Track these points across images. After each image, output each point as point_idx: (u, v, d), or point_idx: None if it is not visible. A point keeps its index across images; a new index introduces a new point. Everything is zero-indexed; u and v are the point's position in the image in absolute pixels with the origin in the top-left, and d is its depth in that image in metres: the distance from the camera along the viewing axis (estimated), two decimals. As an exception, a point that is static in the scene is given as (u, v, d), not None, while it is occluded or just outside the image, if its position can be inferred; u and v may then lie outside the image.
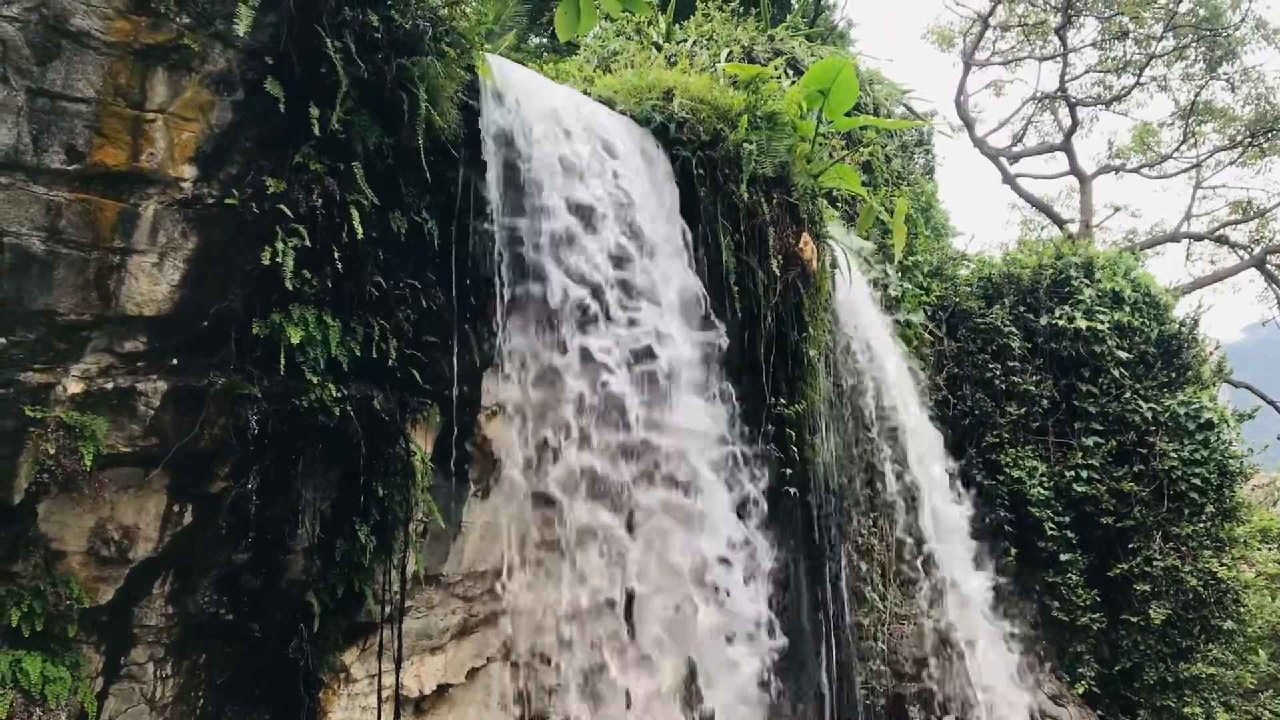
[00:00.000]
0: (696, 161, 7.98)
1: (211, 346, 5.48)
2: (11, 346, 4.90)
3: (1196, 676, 13.15)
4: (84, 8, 4.99)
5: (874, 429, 10.74)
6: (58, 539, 5.25)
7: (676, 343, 7.31)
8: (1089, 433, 13.86)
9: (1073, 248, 15.48)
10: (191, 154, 5.33)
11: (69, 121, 4.99)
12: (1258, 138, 27.67)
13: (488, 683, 7.13)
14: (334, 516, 6.05)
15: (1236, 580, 13.53)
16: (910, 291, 13.24)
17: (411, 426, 6.34)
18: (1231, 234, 29.62)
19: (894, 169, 14.36)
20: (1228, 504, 13.79)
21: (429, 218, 6.30)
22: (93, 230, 5.07)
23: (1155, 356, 14.31)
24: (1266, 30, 26.83)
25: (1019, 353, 14.12)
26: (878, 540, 11.00)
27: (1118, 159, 31.03)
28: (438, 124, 6.16)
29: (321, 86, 5.64)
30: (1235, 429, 14.37)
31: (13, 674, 4.98)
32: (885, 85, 15.51)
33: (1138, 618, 13.25)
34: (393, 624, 6.34)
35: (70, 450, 5.00)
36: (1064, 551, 13.32)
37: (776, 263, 8.24)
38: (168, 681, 5.69)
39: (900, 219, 9.83)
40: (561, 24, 6.00)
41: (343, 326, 5.79)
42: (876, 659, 10.80)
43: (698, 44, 13.03)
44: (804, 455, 8.68)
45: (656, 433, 7.14)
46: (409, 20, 6.00)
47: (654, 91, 8.31)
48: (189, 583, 5.68)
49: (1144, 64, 27.76)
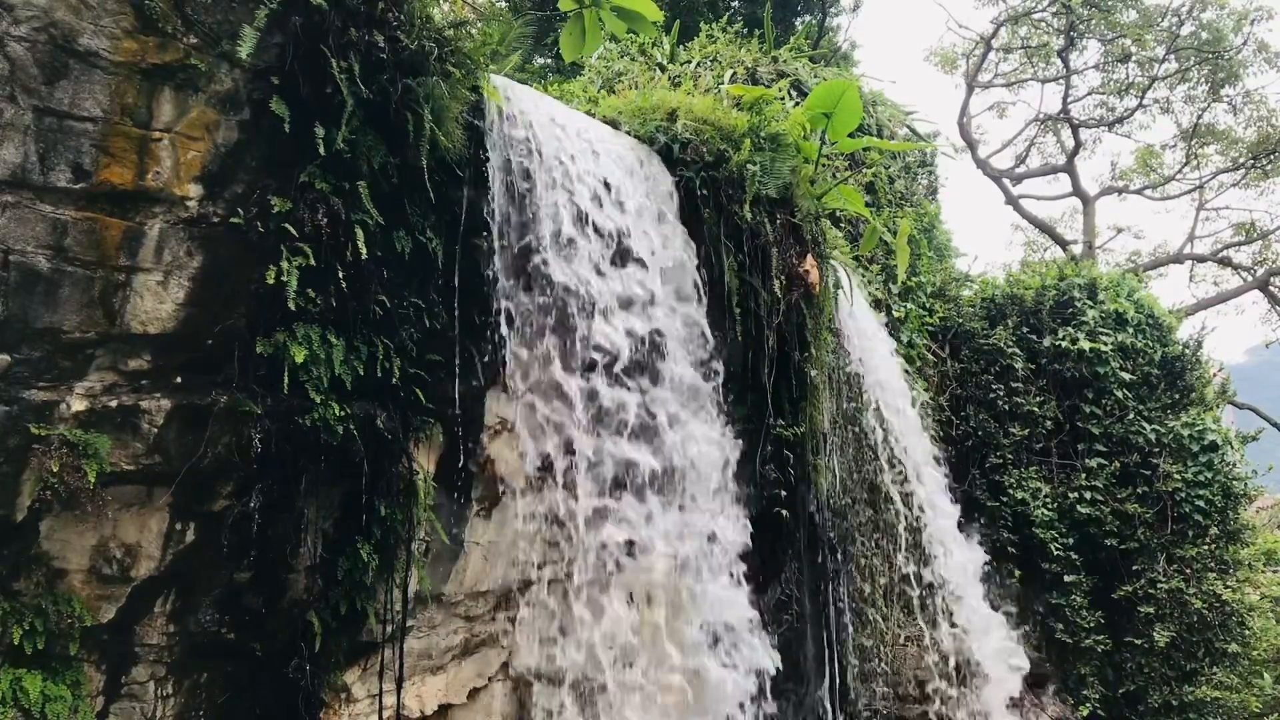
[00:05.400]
0: (700, 182, 8.01)
1: (215, 365, 5.49)
2: (16, 364, 4.91)
3: (1201, 700, 13.06)
4: (92, 28, 5.02)
5: (877, 449, 10.72)
6: (60, 557, 5.24)
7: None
8: (1092, 454, 13.81)
9: (1076, 269, 15.47)
10: (197, 173, 5.35)
11: (76, 140, 5.01)
12: (1260, 160, 27.74)
13: (489, 703, 7.10)
14: (336, 535, 6.04)
15: (1241, 603, 13.45)
16: (913, 312, 13.24)
17: (414, 445, 6.34)
18: (1235, 256, 29.68)
19: (897, 190, 14.38)
20: (1232, 526, 13.72)
21: (433, 237, 6.32)
22: (98, 249, 5.09)
23: (1159, 378, 14.28)
24: (1269, 53, 26.95)
25: (1022, 374, 14.09)
26: (880, 561, 10.97)
27: (1121, 180, 31.12)
28: (443, 144, 6.18)
29: (327, 106, 5.67)
30: (1239, 451, 14.32)
31: (13, 692, 4.97)
32: (888, 107, 15.55)
33: (1142, 640, 13.17)
34: (394, 643, 6.32)
35: (73, 468, 5.00)
36: (1068, 573, 13.26)
37: (779, 283, 8.25)
38: (168, 701, 5.67)
39: (904, 240, 9.84)
40: (567, 45, 6.05)
41: (346, 345, 5.80)
42: (879, 680, 10.75)
43: (701, 65, 13.10)
44: (807, 476, 8.66)
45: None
46: (414, 41, 6.03)
47: (658, 112, 8.34)
48: (191, 601, 5.67)
49: (1146, 86, 27.87)
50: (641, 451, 7.08)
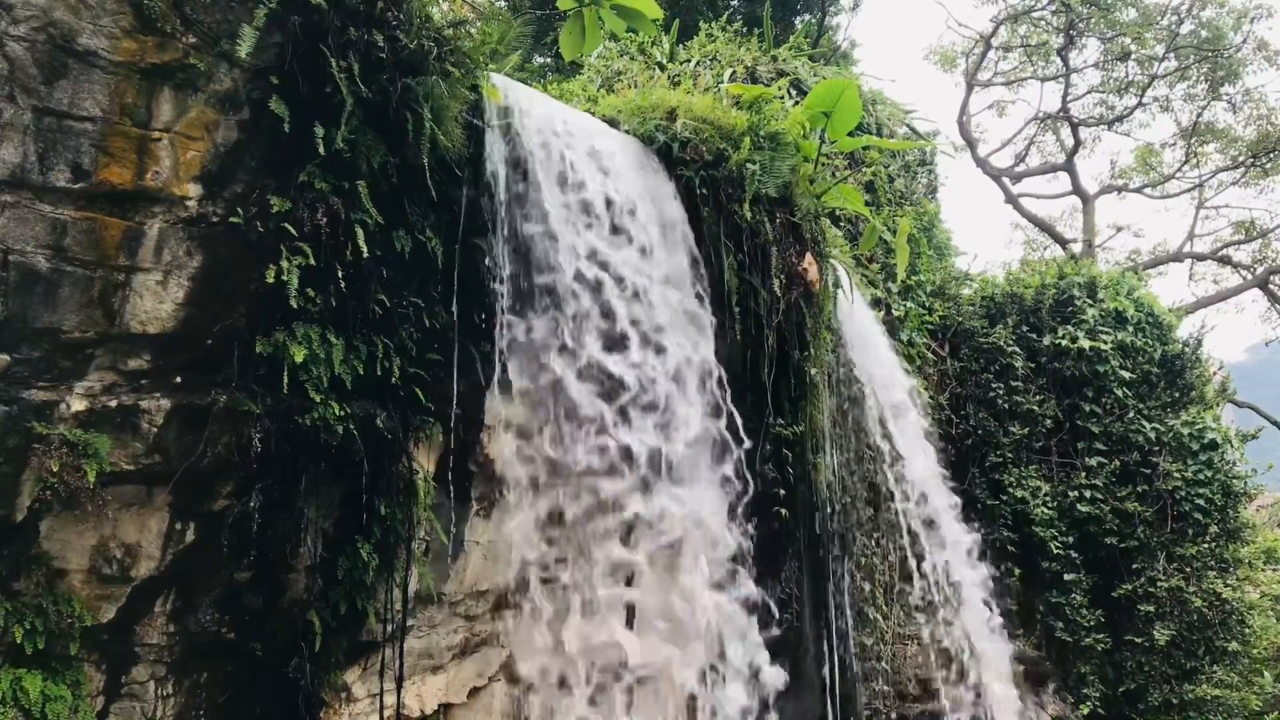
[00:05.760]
0: (700, 181, 8.01)
1: (215, 364, 5.49)
2: (16, 364, 4.91)
3: (1201, 698, 13.06)
4: (91, 28, 5.02)
5: (877, 447, 10.72)
6: (60, 557, 5.24)
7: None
8: (1092, 453, 13.82)
9: (1075, 267, 15.47)
10: (197, 173, 5.35)
11: (75, 140, 5.01)
12: (1260, 158, 27.71)
13: (489, 702, 7.10)
14: (336, 535, 6.04)
15: (1241, 601, 13.46)
16: (913, 311, 13.24)
17: (414, 445, 6.34)
18: (1234, 254, 29.65)
19: (897, 189, 14.37)
20: (1232, 525, 13.73)
21: (433, 236, 6.32)
22: (98, 248, 5.09)
23: (1159, 376, 14.28)
24: (1268, 51, 26.92)
25: (1022, 372, 14.09)
26: (880, 559, 10.97)
27: (1120, 179, 31.08)
28: (442, 143, 6.18)
29: (326, 106, 5.67)
30: (1239, 449, 14.33)
31: (13, 692, 4.97)
32: (888, 105, 15.53)
33: (1142, 639, 13.18)
34: (394, 643, 6.33)
35: (73, 468, 5.01)
36: (1068, 572, 13.26)
37: (779, 282, 8.25)
38: (169, 700, 5.67)
39: (903, 239, 9.84)
40: (566, 44, 6.05)
41: (346, 345, 5.80)
42: (879, 679, 10.75)
43: (701, 64, 13.09)
44: (806, 475, 8.66)
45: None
46: (414, 40, 6.03)
47: (657, 111, 8.33)
48: (191, 601, 5.67)
49: (1146, 85, 27.85)
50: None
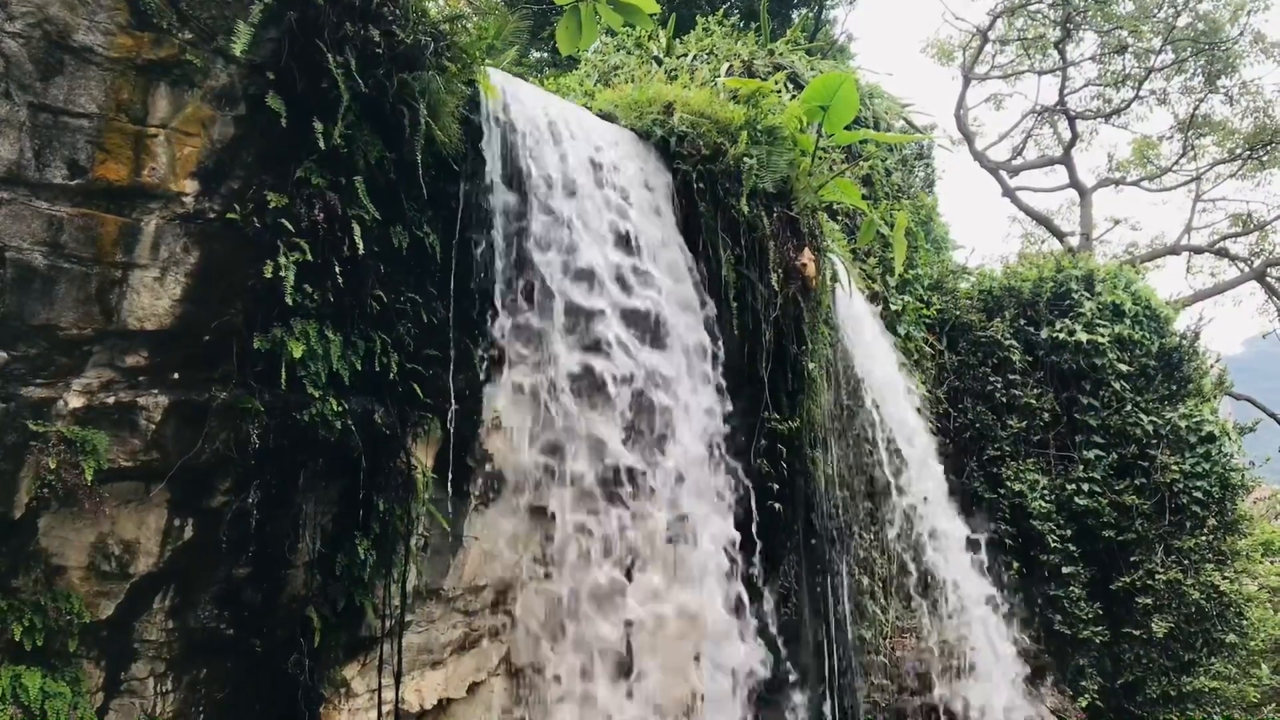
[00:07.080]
0: (697, 175, 8.00)
1: (213, 361, 5.49)
2: (13, 361, 4.91)
3: (1199, 690, 13.10)
4: (86, 24, 5.01)
5: (876, 441, 10.73)
6: (58, 554, 5.24)
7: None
8: (1090, 446, 13.83)
9: (1073, 261, 15.47)
10: (193, 169, 5.34)
11: (71, 137, 5.00)
12: (1257, 151, 27.72)
13: (489, 697, 7.10)
14: (335, 531, 6.04)
15: (1239, 593, 13.49)
16: (911, 305, 13.24)
17: (412, 440, 6.34)
18: (1232, 247, 29.64)
19: (894, 183, 14.36)
20: (1229, 517, 13.76)
21: (430, 232, 6.31)
22: (94, 245, 5.09)
23: (1156, 369, 14.29)
24: (1265, 44, 26.95)
25: (1020, 366, 14.10)
26: (879, 553, 10.98)
27: (1117, 172, 31.10)
28: (439, 139, 6.17)
29: (323, 101, 5.66)
30: (1236, 442, 14.35)
31: (12, 689, 4.97)
32: (885, 99, 15.53)
33: (1140, 631, 13.21)
34: (393, 638, 6.33)
35: (71, 465, 5.00)
36: (1066, 565, 13.28)
37: (776, 277, 8.25)
38: (168, 697, 5.67)
39: (900, 233, 9.84)
40: (563, 38, 6.02)
41: (344, 340, 5.79)
42: (878, 673, 10.76)
43: (698, 59, 13.06)
44: (805, 470, 8.66)
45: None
46: (410, 36, 6.02)
47: (654, 106, 8.33)
48: (189, 598, 5.67)
49: (1143, 78, 27.84)
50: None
